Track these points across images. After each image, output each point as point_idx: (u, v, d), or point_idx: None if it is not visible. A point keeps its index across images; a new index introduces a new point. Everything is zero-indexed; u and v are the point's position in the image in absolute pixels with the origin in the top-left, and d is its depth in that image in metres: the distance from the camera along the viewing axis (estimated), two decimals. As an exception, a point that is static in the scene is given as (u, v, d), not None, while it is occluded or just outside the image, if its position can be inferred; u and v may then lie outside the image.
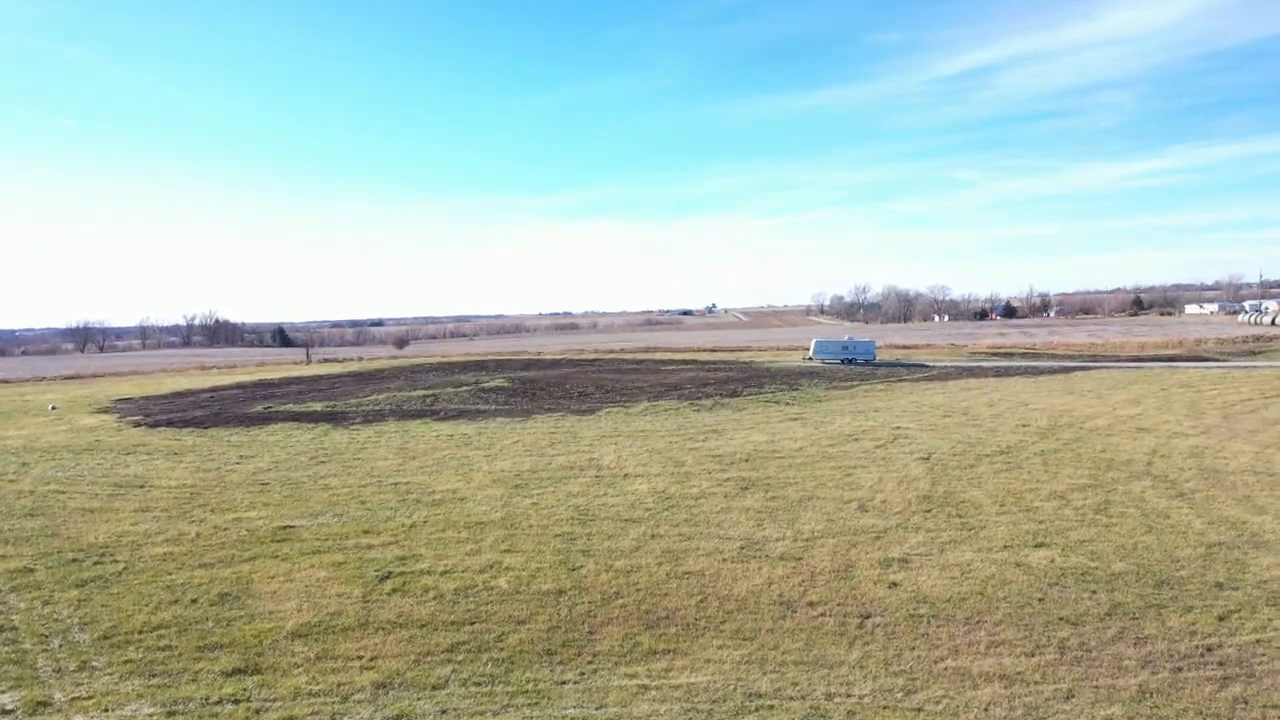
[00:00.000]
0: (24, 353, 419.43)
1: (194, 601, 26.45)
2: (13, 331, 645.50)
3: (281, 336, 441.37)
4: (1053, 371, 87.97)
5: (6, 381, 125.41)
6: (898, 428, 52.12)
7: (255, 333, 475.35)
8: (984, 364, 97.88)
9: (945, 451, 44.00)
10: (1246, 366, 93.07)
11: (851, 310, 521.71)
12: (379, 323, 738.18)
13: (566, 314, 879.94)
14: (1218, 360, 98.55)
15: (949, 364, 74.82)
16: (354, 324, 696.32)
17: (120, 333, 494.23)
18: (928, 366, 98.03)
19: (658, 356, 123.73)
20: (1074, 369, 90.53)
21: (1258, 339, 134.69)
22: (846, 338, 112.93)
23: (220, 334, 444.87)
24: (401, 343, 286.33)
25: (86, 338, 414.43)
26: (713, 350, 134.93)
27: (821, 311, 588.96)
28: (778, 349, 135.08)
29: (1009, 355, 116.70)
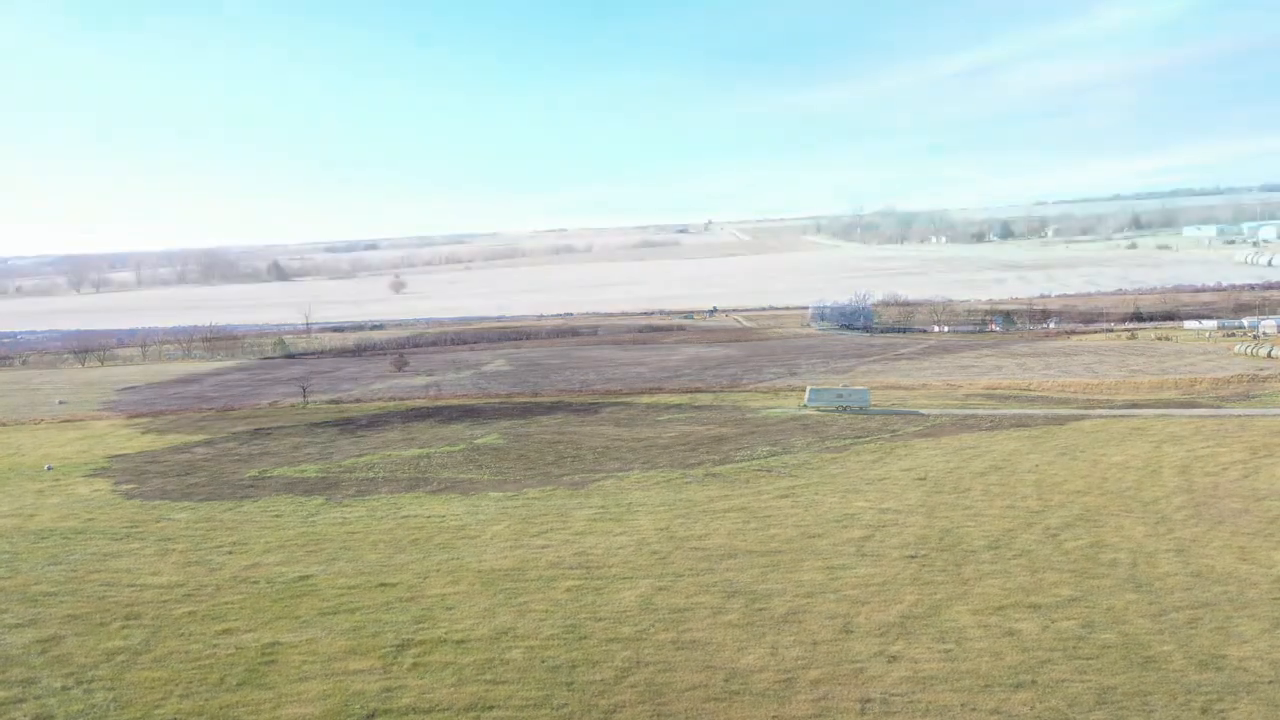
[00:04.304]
0: (19, 290, 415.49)
1: None
2: (4, 260, 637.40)
3: (278, 270, 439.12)
4: (1047, 422, 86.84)
5: (8, 358, 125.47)
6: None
7: (250, 266, 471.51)
8: (979, 411, 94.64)
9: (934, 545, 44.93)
10: (1240, 415, 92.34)
11: (849, 230, 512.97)
12: (374, 245, 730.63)
13: (562, 231, 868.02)
14: (1211, 407, 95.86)
15: (942, 412, 71.30)
16: (349, 247, 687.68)
17: (114, 260, 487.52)
18: (923, 415, 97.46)
19: (646, 371, 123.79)
20: (1068, 418, 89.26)
21: (1252, 379, 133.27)
22: (841, 386, 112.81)
23: (215, 269, 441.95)
24: (400, 364, 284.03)
25: (82, 275, 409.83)
26: (712, 312, 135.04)
27: (819, 230, 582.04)
28: (777, 312, 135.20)
29: (1004, 399, 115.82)
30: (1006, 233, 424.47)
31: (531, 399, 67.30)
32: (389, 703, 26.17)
